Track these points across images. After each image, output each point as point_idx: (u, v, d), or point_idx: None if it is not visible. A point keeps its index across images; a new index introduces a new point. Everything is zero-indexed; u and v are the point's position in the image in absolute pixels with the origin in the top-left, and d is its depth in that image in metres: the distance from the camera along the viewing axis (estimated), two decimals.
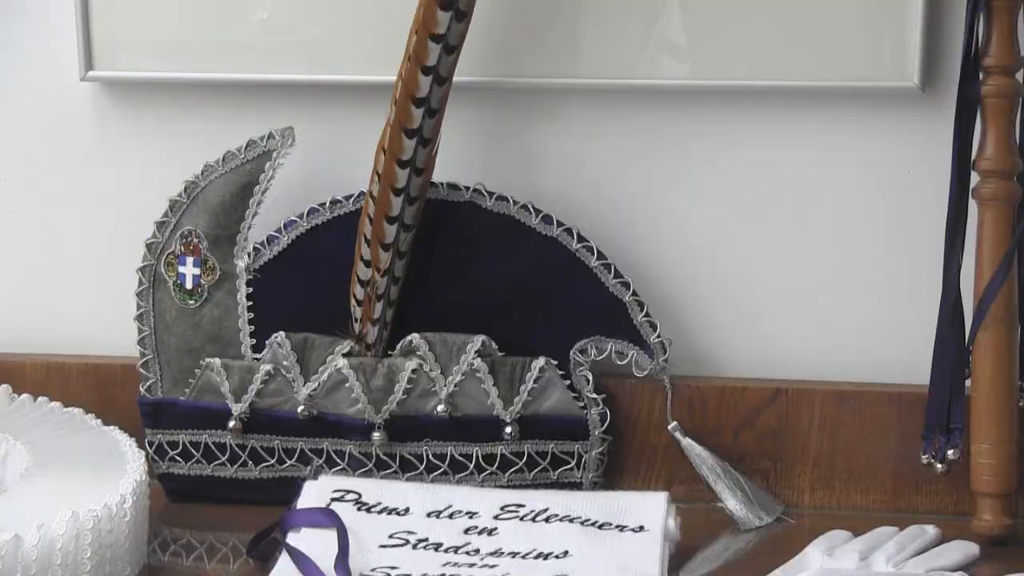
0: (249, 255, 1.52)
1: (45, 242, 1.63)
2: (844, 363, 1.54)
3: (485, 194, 1.51)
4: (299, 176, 1.53)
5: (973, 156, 1.43)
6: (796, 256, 1.54)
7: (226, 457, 1.53)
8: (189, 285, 1.52)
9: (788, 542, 1.43)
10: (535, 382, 1.50)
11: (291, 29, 1.54)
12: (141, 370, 1.53)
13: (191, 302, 1.53)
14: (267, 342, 1.52)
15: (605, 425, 1.51)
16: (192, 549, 1.46)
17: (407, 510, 1.44)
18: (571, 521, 1.42)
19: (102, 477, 1.38)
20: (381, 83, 1.46)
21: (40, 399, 1.53)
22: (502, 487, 1.50)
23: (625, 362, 1.51)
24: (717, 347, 1.56)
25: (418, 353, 1.50)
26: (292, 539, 1.37)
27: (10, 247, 1.63)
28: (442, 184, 1.51)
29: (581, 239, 1.50)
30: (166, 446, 1.53)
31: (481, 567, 1.36)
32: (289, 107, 1.54)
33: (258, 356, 1.52)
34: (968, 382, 1.45)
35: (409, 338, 1.51)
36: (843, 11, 1.48)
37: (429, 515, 1.43)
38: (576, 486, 1.51)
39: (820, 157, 1.52)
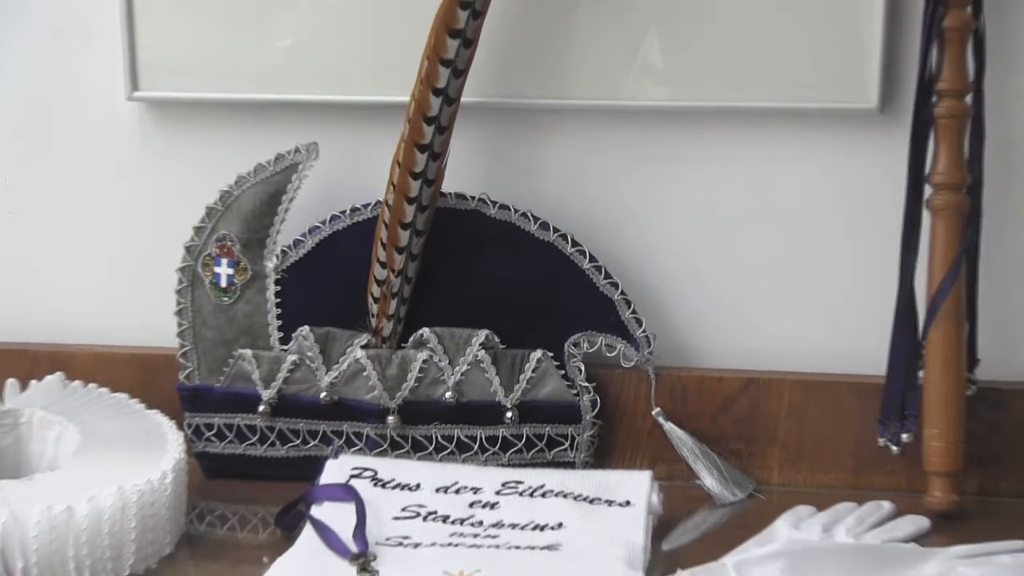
0: (277, 257, 1.53)
1: (94, 244, 1.63)
2: (809, 355, 1.53)
3: (489, 203, 1.51)
4: (322, 186, 1.53)
5: (926, 171, 1.42)
6: (767, 260, 1.54)
7: (256, 438, 1.53)
8: (224, 284, 1.53)
9: (759, 516, 1.42)
10: (533, 372, 1.50)
11: (314, 55, 1.54)
12: (180, 360, 1.54)
13: (225, 299, 1.53)
14: (293, 335, 1.52)
15: (595, 410, 1.51)
16: (226, 520, 1.46)
17: (418, 486, 1.44)
18: (565, 496, 1.42)
19: (145, 456, 1.38)
20: (396, 103, 1.46)
21: (90, 385, 1.54)
22: (503, 466, 1.50)
23: (614, 354, 1.51)
24: (696, 341, 1.56)
25: (428, 345, 1.51)
26: (315, 511, 1.38)
27: (63, 249, 1.63)
28: (450, 194, 1.51)
29: (575, 244, 1.51)
30: (202, 428, 1.54)
31: (484, 537, 1.36)
32: (313, 124, 1.54)
33: (285, 348, 1.53)
34: (921, 373, 1.44)
35: (420, 332, 1.51)
36: (809, 38, 1.47)
37: (437, 490, 1.43)
38: (569, 465, 1.51)
39: (789, 170, 1.52)
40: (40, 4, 1.59)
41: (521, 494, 1.43)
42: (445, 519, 1.39)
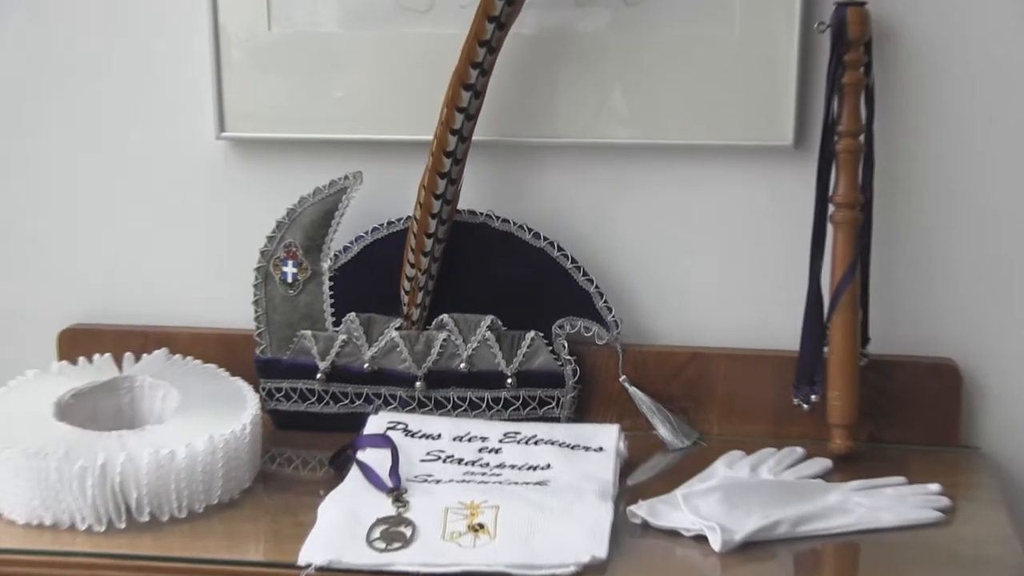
0: (331, 259, 1.52)
1: (191, 250, 1.62)
2: (740, 335, 1.52)
3: (494, 218, 1.51)
4: (365, 205, 1.52)
5: (830, 193, 1.42)
6: (708, 262, 1.53)
7: (314, 398, 1.53)
8: (289, 280, 1.52)
9: (701, 459, 1.42)
10: (527, 348, 1.50)
11: (359, 104, 1.53)
12: (256, 338, 1.54)
13: (291, 292, 1.53)
14: (343, 319, 1.52)
15: (576, 377, 1.51)
16: (291, 462, 1.46)
17: (439, 436, 1.44)
18: (552, 444, 1.42)
19: (230, 411, 1.38)
20: (422, 141, 1.45)
21: (188, 358, 1.54)
22: (505, 420, 1.50)
23: (590, 334, 1.51)
24: (654, 324, 1.55)
25: (447, 327, 1.50)
26: (360, 456, 1.37)
27: (167, 254, 1.62)
28: (464, 210, 1.51)
29: (560, 249, 1.50)
30: (273, 390, 1.54)
31: (490, 475, 1.36)
32: (358, 157, 1.53)
33: (336, 329, 1.52)
34: (825, 349, 1.44)
35: (441, 317, 1.51)
36: (740, 91, 1.46)
37: (454, 439, 1.43)
38: (556, 420, 1.51)
39: (724, 192, 1.51)
40: (148, 62, 1.57)
41: (518, 442, 1.43)
42: (460, 461, 1.39)
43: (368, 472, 1.34)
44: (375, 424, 1.46)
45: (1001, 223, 1.47)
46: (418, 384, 1.51)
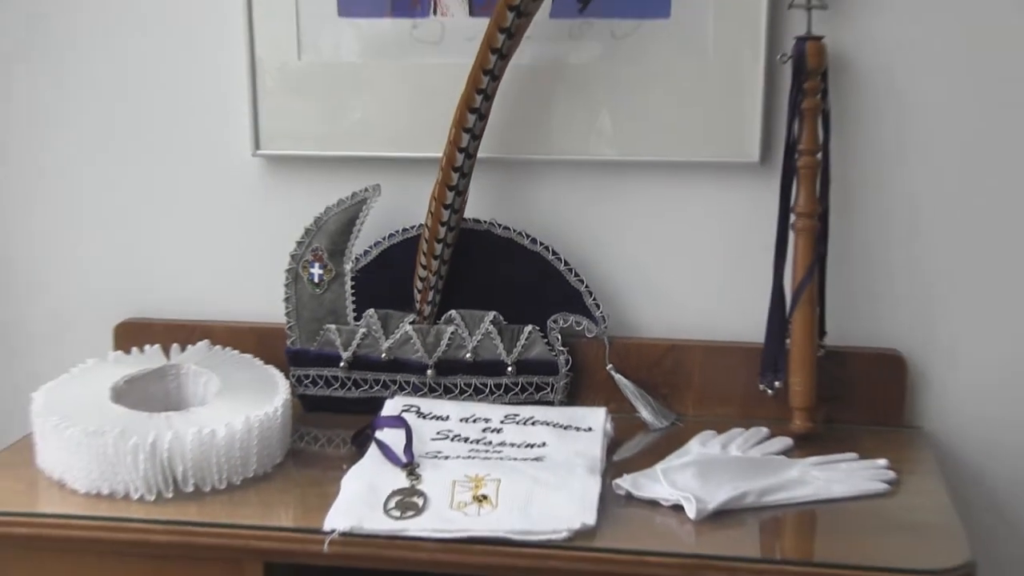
0: (352, 262, 1.52)
1: (229, 254, 1.61)
2: (713, 329, 1.52)
3: (496, 225, 1.51)
4: (382, 213, 1.52)
5: (791, 204, 1.42)
6: (686, 265, 1.52)
7: (338, 384, 1.52)
8: (316, 280, 1.52)
9: (678, 438, 1.42)
10: (525, 340, 1.50)
11: (378, 125, 1.52)
12: (287, 331, 1.53)
13: (317, 291, 1.52)
14: (363, 315, 1.51)
15: (568, 366, 1.50)
16: (317, 440, 1.45)
17: (447, 417, 1.43)
18: (547, 425, 1.42)
19: (264, 395, 1.39)
20: (432, 157, 1.45)
21: (227, 348, 1.54)
22: (505, 404, 1.49)
23: (580, 328, 1.50)
24: (637, 319, 1.54)
25: (455, 322, 1.50)
26: (378, 435, 1.37)
27: (208, 257, 1.62)
28: (469, 219, 1.50)
29: (554, 253, 1.50)
30: (302, 377, 1.53)
31: (492, 452, 1.36)
32: (377, 172, 1.52)
33: (357, 323, 1.52)
34: (788, 341, 1.44)
35: (449, 312, 1.50)
36: (712, 114, 1.45)
37: (461, 420, 1.43)
38: (550, 403, 1.50)
39: (698, 203, 1.50)
40: (194, 89, 1.57)
41: (517, 423, 1.43)
42: (465, 440, 1.39)
43: (385, 449, 1.35)
44: (391, 407, 1.46)
45: (940, 232, 1.47)
46: (429, 372, 1.51)
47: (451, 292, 1.52)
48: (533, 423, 1.43)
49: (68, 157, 1.63)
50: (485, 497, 1.24)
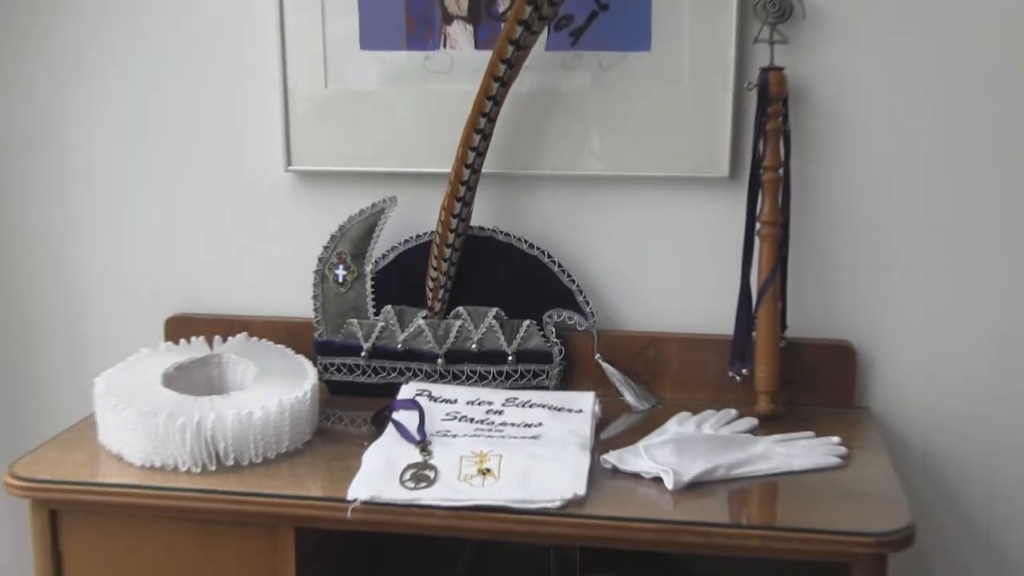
0: (372, 264, 1.51)
1: (265, 258, 1.60)
2: (689, 323, 1.52)
3: (498, 233, 1.50)
4: (399, 222, 1.52)
5: (757, 213, 1.42)
6: (663, 267, 1.52)
7: (360, 371, 1.52)
8: (340, 280, 1.52)
9: (658, 418, 1.42)
10: (524, 332, 1.49)
11: (395, 144, 1.52)
12: (315, 325, 1.53)
13: (341, 290, 1.52)
14: (381, 311, 1.51)
15: (562, 356, 1.50)
16: (342, 420, 1.44)
17: (455, 400, 1.43)
18: (543, 407, 1.41)
19: (295, 381, 1.38)
20: (442, 172, 1.45)
21: (263, 340, 1.54)
22: (506, 389, 1.49)
23: (572, 322, 1.50)
24: (622, 314, 1.54)
25: (462, 317, 1.49)
26: (395, 416, 1.37)
27: (247, 261, 1.60)
28: (475, 227, 1.50)
29: (549, 256, 1.50)
30: (328, 365, 1.53)
31: (495, 431, 1.35)
32: (393, 185, 1.52)
33: (376, 318, 1.51)
34: (754, 334, 1.44)
35: (457, 309, 1.50)
36: (687, 132, 1.44)
37: (468, 403, 1.42)
38: (546, 388, 1.50)
39: (675, 213, 1.50)
40: (234, 114, 1.56)
41: (517, 405, 1.42)
42: (471, 420, 1.38)
43: (401, 428, 1.35)
44: (406, 391, 1.45)
45: (886, 238, 1.47)
46: (440, 361, 1.51)
47: (459, 291, 1.52)
48: (531, 405, 1.42)
49: (133, 176, 1.63)
50: (489, 470, 1.24)
